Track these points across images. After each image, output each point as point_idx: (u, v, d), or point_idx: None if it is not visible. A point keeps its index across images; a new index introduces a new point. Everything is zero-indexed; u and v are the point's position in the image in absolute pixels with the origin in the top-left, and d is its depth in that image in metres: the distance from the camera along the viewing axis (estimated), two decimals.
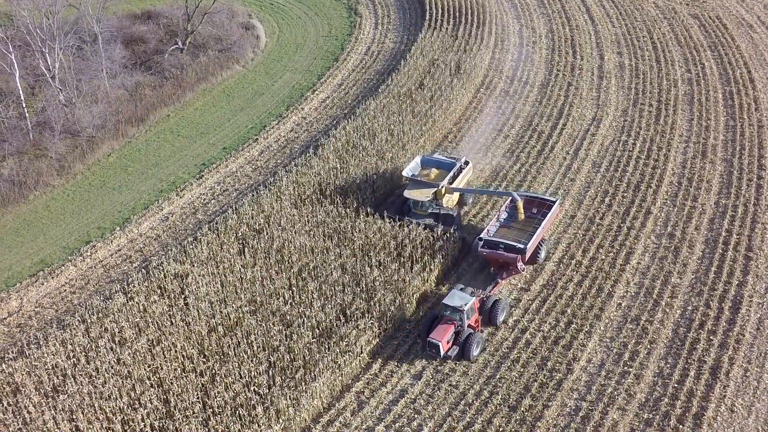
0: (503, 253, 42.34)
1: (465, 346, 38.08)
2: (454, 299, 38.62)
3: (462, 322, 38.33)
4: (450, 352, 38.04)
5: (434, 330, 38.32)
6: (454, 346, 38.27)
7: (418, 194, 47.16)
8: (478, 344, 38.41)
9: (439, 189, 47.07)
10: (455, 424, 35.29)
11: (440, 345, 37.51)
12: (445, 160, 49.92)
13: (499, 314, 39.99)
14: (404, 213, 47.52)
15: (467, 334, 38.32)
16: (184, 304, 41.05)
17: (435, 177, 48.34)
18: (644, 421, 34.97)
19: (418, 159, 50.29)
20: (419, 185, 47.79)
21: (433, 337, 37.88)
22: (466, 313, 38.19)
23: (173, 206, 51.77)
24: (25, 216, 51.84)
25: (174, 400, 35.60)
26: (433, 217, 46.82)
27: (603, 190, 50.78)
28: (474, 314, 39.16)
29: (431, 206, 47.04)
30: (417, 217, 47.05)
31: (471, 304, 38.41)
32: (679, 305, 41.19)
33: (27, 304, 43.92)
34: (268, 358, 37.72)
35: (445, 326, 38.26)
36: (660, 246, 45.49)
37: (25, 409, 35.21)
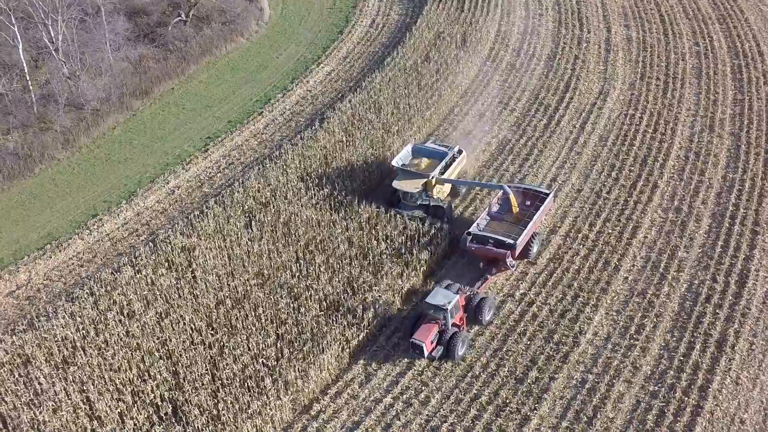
0: (492, 248, 40.67)
1: (450, 346, 36.58)
2: (437, 297, 37.00)
3: (446, 322, 36.77)
4: (434, 352, 36.63)
5: (417, 330, 36.84)
6: (438, 347, 36.80)
7: (408, 185, 45.20)
8: (463, 343, 36.98)
9: (429, 180, 45.29)
10: (462, 396, 35.58)
11: (424, 346, 36.10)
12: (437, 149, 47.91)
13: (485, 313, 38.56)
14: (393, 204, 45.86)
15: (452, 334, 36.81)
16: (192, 277, 41.17)
17: (426, 167, 46.34)
18: (650, 393, 35.22)
19: (409, 147, 48.18)
20: (409, 175, 45.87)
21: (417, 337, 36.42)
22: (450, 311, 36.56)
23: (179, 180, 51.72)
24: (31, 189, 51.82)
25: (183, 371, 35.88)
26: (423, 209, 45.24)
27: (610, 164, 50.62)
28: (459, 312, 37.56)
29: (421, 198, 45.39)
30: (406, 208, 45.22)
31: (455, 302, 36.84)
32: (686, 279, 41.26)
33: (35, 277, 44.08)
34: (276, 331, 37.96)
35: (429, 326, 36.73)
36: (667, 220, 45.46)
37: (36, 381, 35.50)
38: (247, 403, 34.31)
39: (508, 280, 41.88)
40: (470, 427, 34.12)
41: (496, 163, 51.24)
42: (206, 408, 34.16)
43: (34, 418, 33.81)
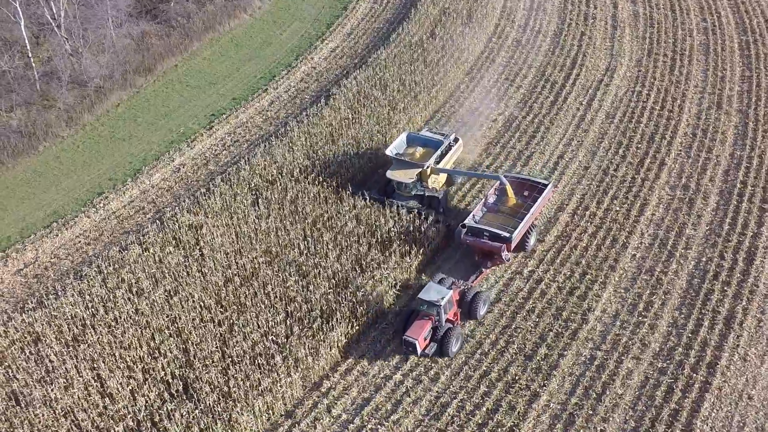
0: (487, 241, 39.77)
1: (443, 342, 35.83)
2: (431, 293, 36.01)
3: (439, 318, 35.89)
4: (427, 349, 35.91)
5: (410, 327, 36.05)
6: (431, 343, 36.05)
7: (402, 175, 43.95)
8: (457, 340, 36.27)
9: (424, 170, 44.21)
10: (472, 373, 35.73)
11: (417, 343, 35.31)
12: (432, 138, 46.79)
13: (479, 308, 37.69)
14: (388, 194, 44.73)
15: (446, 330, 36.06)
16: (200, 255, 41.14)
17: (421, 156, 45.24)
18: (658, 369, 35.38)
19: (404, 136, 47.01)
20: (403, 165, 44.70)
21: (409, 334, 35.58)
22: (443, 307, 35.67)
23: (184, 157, 51.50)
24: (35, 167, 51.60)
25: (193, 349, 35.96)
26: (418, 200, 44.16)
27: (617, 141, 50.42)
28: (453, 308, 36.80)
29: (416, 188, 44.25)
30: (401, 198, 44.09)
31: (449, 297, 35.94)
32: (694, 256, 41.27)
33: (42, 255, 44.04)
34: (285, 308, 38.00)
35: (422, 322, 35.92)
36: (674, 197, 45.38)
37: (47, 358, 35.60)
38: (258, 380, 34.42)
39: (516, 258, 41.85)
40: (480, 403, 34.32)
41: (503, 141, 51.03)
42: (217, 385, 34.29)
43: (47, 395, 33.94)
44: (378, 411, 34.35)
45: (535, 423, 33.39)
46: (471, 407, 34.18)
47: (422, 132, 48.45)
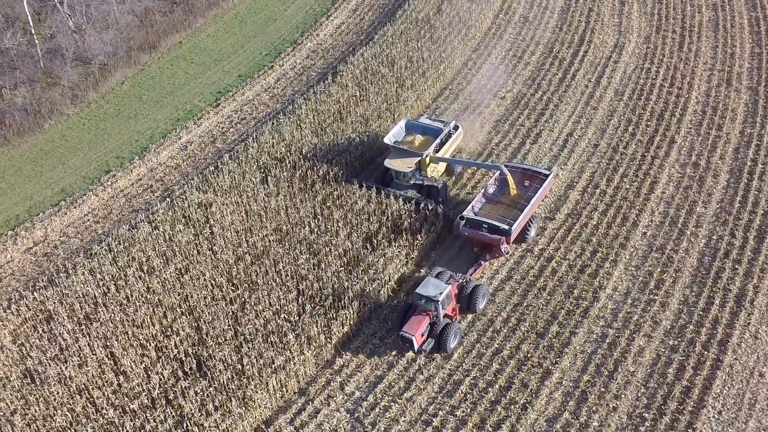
0: (486, 234, 38.94)
1: (441, 338, 35.03)
2: (428, 288, 35.13)
3: (437, 313, 35.15)
4: (425, 345, 35.11)
5: (407, 322, 35.16)
6: (429, 339, 35.25)
7: (400, 164, 42.83)
8: (455, 335, 35.48)
9: (423, 158, 43.17)
10: (484, 350, 35.85)
11: (414, 339, 34.49)
12: (431, 125, 45.57)
13: (479, 301, 36.91)
14: (386, 183, 43.75)
15: (443, 325, 35.30)
16: (210, 233, 41.05)
17: (420, 144, 44.24)
18: (670, 347, 35.49)
19: (402, 123, 45.80)
20: (401, 154, 43.60)
21: (406, 330, 34.65)
22: (441, 303, 34.89)
23: (191, 135, 51.22)
24: (41, 145, 51.31)
25: (206, 327, 36.02)
26: (417, 189, 43.17)
27: (626, 118, 50.16)
28: (451, 303, 35.95)
29: (414, 177, 43.26)
30: (399, 188, 43.19)
31: (447, 292, 35.12)
32: (704, 234, 41.24)
33: (51, 233, 43.93)
34: (297, 287, 38.00)
35: (419, 318, 35.04)
36: (684, 175, 45.25)
37: (60, 336, 35.64)
38: (271, 358, 34.51)
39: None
40: (492, 380, 34.47)
41: (512, 118, 50.75)
42: (230, 363, 34.38)
43: (61, 373, 34.02)
44: (391, 388, 34.51)
45: (547, 400, 33.56)
46: (484, 384, 34.34)
47: (421, 119, 46.95)
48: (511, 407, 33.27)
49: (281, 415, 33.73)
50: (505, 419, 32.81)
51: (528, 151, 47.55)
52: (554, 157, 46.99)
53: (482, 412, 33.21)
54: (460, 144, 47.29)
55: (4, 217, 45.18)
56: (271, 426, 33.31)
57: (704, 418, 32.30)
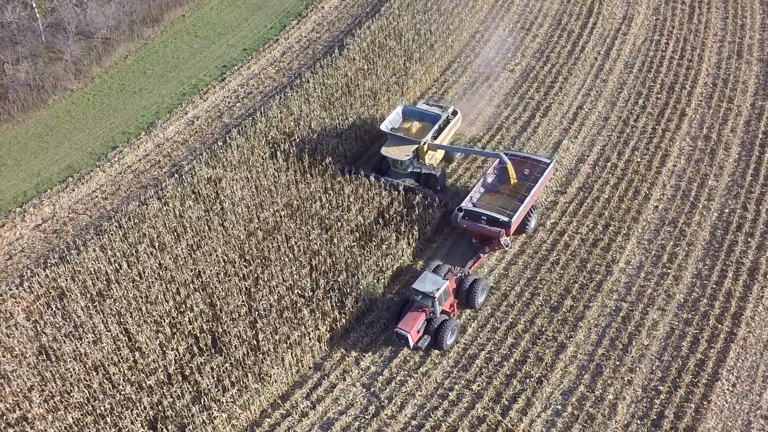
0: (485, 226, 37.79)
1: (437, 335, 33.98)
2: (425, 283, 33.95)
3: (434, 309, 34.12)
4: (420, 342, 33.99)
5: (403, 318, 34.06)
6: (425, 336, 34.18)
7: (397, 152, 41.44)
8: (452, 332, 34.40)
9: (421, 146, 41.99)
10: (498, 325, 35.90)
11: (409, 336, 33.41)
12: (429, 111, 44.02)
13: (478, 296, 35.83)
14: (383, 171, 42.66)
15: (440, 322, 34.18)
16: (221, 208, 40.80)
17: (417, 131, 42.83)
18: (683, 320, 35.55)
19: (399, 109, 44.23)
20: (398, 141, 42.14)
21: (402, 327, 33.57)
22: (438, 299, 33.86)
23: (197, 110, 50.75)
24: (46, 121, 50.82)
25: (219, 303, 35.93)
26: (414, 177, 42.02)
27: (636, 91, 49.77)
28: (449, 298, 34.98)
29: (412, 165, 42.10)
30: (396, 176, 42.02)
31: (444, 288, 34.02)
32: (716, 208, 41.14)
33: (60, 210, 43.66)
34: (310, 262, 37.87)
35: (415, 314, 33.89)
36: (696, 148, 45.02)
37: (74, 313, 35.55)
38: (286, 333, 34.48)
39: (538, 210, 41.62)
40: (508, 354, 34.55)
41: (521, 91, 50.34)
42: (245, 339, 34.35)
43: (76, 350, 33.98)
44: (406, 363, 34.57)
45: (562, 374, 33.67)
46: (499, 358, 34.42)
47: (418, 105, 45.36)
48: (527, 381, 33.37)
49: (297, 390, 33.82)
50: (520, 393, 32.93)
51: (538, 124, 47.23)
52: (564, 130, 46.71)
53: (498, 385, 33.32)
54: (460, 128, 46.00)
55: (12, 194, 44.87)
56: (287, 401, 33.41)
57: (718, 390, 32.45)
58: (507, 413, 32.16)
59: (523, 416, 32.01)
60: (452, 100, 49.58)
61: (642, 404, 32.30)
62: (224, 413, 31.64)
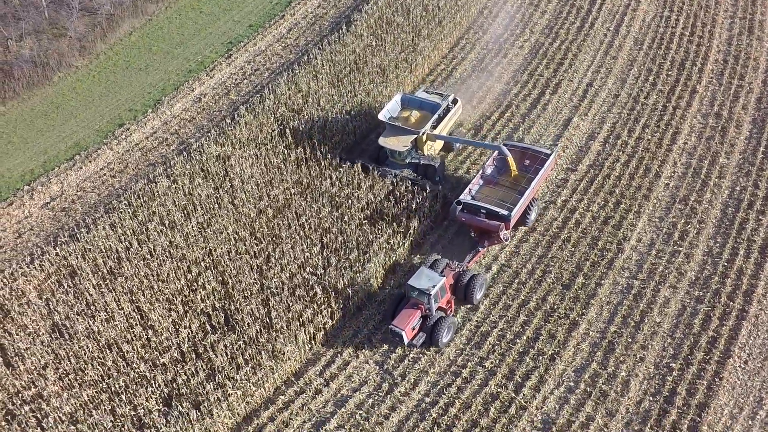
0: (484, 220, 36.81)
1: (433, 332, 33.41)
2: (421, 280, 33.28)
3: (430, 306, 33.44)
4: (415, 340, 33.44)
5: (398, 316, 33.44)
6: (420, 333, 33.65)
7: (395, 142, 40.25)
8: (448, 330, 33.82)
9: (420, 136, 40.82)
10: (510, 302, 35.93)
11: (403, 334, 32.85)
12: (428, 100, 42.76)
13: (476, 292, 35.08)
14: (381, 161, 41.66)
15: (436, 319, 33.58)
16: (230, 186, 40.63)
17: (416, 121, 41.61)
18: (695, 298, 35.58)
19: (398, 98, 43.05)
20: (397, 131, 40.86)
21: (396, 324, 32.99)
22: (434, 296, 33.17)
23: (204, 87, 50.36)
24: (52, 98, 50.44)
25: (231, 281, 35.90)
26: (413, 168, 40.99)
27: (647, 68, 49.39)
28: (445, 295, 34.22)
29: (410, 156, 41.06)
30: (394, 166, 41.03)
31: (441, 285, 33.33)
32: (728, 185, 41.01)
33: (68, 188, 43.49)
34: (321, 240, 37.79)
35: (410, 311, 33.31)
36: (707, 126, 44.78)
37: (86, 291, 35.52)
38: (299, 311, 34.50)
39: (549, 188, 41.56)
40: (520, 332, 34.61)
41: (530, 68, 49.93)
42: (258, 316, 34.37)
43: (89, 328, 34.01)
44: None
45: (575, 351, 33.76)
46: (511, 336, 34.49)
47: (418, 93, 44.12)
48: (539, 358, 33.48)
49: (311, 368, 33.91)
50: (533, 370, 33.05)
51: (548, 101, 46.93)
52: (574, 107, 46.41)
53: (510, 363, 33.43)
54: (461, 117, 44.78)
55: (20, 172, 44.67)
56: (301, 378, 33.52)
57: (730, 367, 32.57)
58: (520, 390, 32.30)
59: (536, 393, 32.16)
60: (461, 77, 49.24)
61: (654, 381, 32.43)
62: (238, 390, 31.75)
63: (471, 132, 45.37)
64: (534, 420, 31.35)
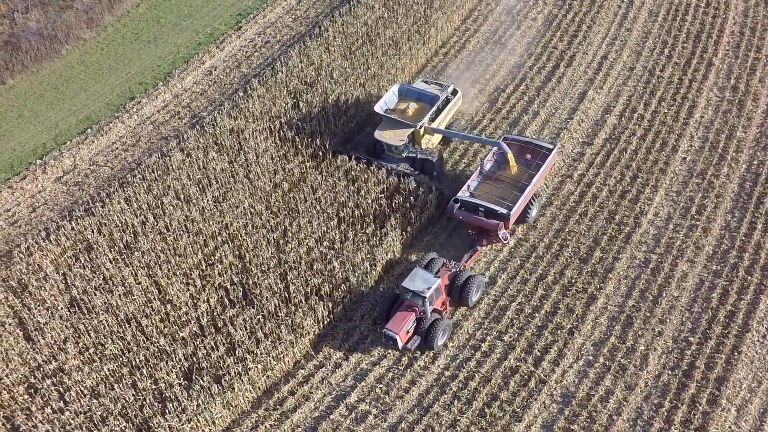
0: (482, 218, 35.69)
1: (428, 335, 32.40)
2: (416, 282, 32.21)
3: (424, 309, 32.42)
4: (410, 344, 32.40)
5: (392, 319, 32.28)
6: (415, 336, 32.57)
7: (392, 136, 38.84)
8: (443, 333, 32.74)
9: (417, 130, 39.47)
10: (528, 276, 35.90)
11: (398, 338, 31.86)
12: (427, 91, 41.21)
13: (472, 294, 33.97)
14: (377, 155, 40.34)
15: (431, 321, 32.56)
16: (245, 160, 40.36)
17: (414, 113, 40.15)
18: (713, 272, 35.54)
19: (395, 89, 41.47)
20: (393, 124, 39.43)
21: (390, 328, 31.91)
22: (429, 299, 32.13)
23: (215, 59, 49.83)
24: (61, 71, 49.94)
25: (248, 255, 35.80)
26: (410, 162, 39.69)
27: (662, 40, 48.86)
28: (441, 296, 33.24)
29: (407, 150, 39.80)
30: (390, 160, 39.68)
31: (436, 287, 32.28)
32: (745, 159, 40.77)
33: (80, 162, 43.21)
34: (337, 213, 37.63)
35: (404, 314, 32.23)
36: (723, 99, 44.41)
37: (102, 266, 35.43)
38: (317, 285, 34.46)
39: (565, 162, 41.32)
40: (538, 306, 34.63)
41: (544, 40, 49.38)
42: (276, 291, 34.34)
43: (107, 302, 33.98)
44: None
45: (593, 325, 33.80)
46: (530, 310, 34.51)
47: (416, 84, 42.58)
48: (558, 332, 33.53)
49: (330, 341, 33.96)
50: (552, 344, 33.11)
51: (563, 74, 46.48)
52: (589, 80, 45.99)
53: (529, 337, 33.48)
54: (461, 108, 43.38)
55: (31, 146, 44.36)
56: (320, 352, 33.58)
57: (749, 341, 32.62)
58: (539, 364, 32.39)
59: (556, 367, 32.25)
60: (473, 50, 48.74)
61: (673, 355, 32.52)
62: (259, 364, 31.80)
63: (486, 105, 45.04)
64: (554, 393, 31.49)
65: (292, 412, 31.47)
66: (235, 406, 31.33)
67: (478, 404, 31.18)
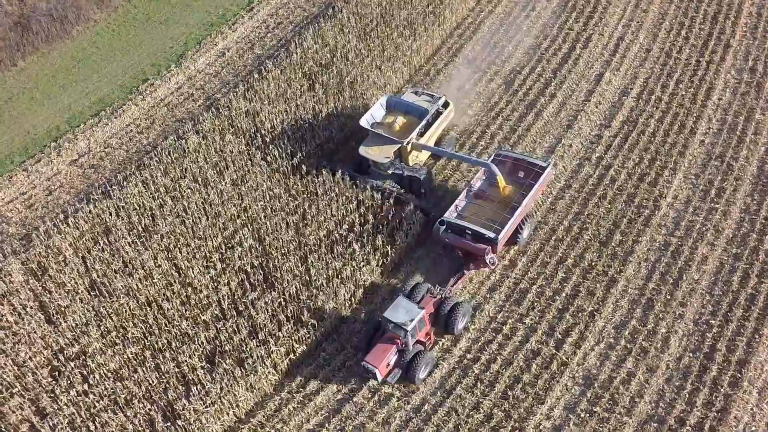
0: (469, 242, 33.98)
1: (409, 369, 30.80)
2: (398, 313, 30.54)
3: (406, 341, 30.79)
4: (390, 377, 30.87)
5: (371, 351, 30.65)
6: (396, 369, 31.00)
7: (377, 153, 36.99)
8: (426, 366, 31.14)
9: (404, 146, 37.71)
10: (548, 259, 35.85)
11: (377, 372, 30.30)
12: (416, 104, 38.96)
13: (458, 322, 32.30)
14: (363, 170, 38.45)
15: (413, 354, 30.99)
16: (261, 142, 40.15)
17: (401, 127, 38.12)
18: (733, 255, 35.48)
19: (383, 100, 39.39)
20: (379, 140, 37.56)
21: (369, 361, 30.31)
22: (411, 332, 30.52)
23: (227, 41, 49.45)
24: (72, 53, 49.56)
25: (268, 238, 35.71)
26: (396, 179, 37.74)
27: (678, 21, 48.45)
28: (424, 327, 31.52)
29: (393, 166, 37.86)
30: (377, 177, 37.85)
31: (419, 318, 30.60)
32: (764, 142, 40.56)
33: (95, 145, 43.00)
34: (357, 197, 37.50)
35: (385, 346, 30.60)
36: (741, 81, 44.12)
37: (122, 249, 35.35)
38: (338, 268, 34.41)
39: (583, 145, 41.14)
40: (559, 288, 34.62)
41: (559, 22, 48.99)
42: (297, 274, 34.29)
43: (127, 285, 33.94)
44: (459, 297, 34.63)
45: (614, 308, 33.81)
46: (550, 293, 34.51)
47: (405, 95, 40.26)
48: (579, 315, 33.55)
49: (351, 324, 33.95)
50: (573, 327, 33.14)
51: (579, 56, 46.15)
52: (605, 62, 45.67)
53: (550, 319, 33.51)
54: (453, 120, 41.08)
55: (45, 128, 44.13)
56: (341, 334, 33.60)
57: None
58: (561, 346, 32.44)
59: (577, 349, 32.31)
60: (488, 31, 48.37)
61: (694, 338, 32.56)
62: (281, 347, 31.84)
63: (503, 86, 44.75)
64: (575, 376, 31.57)
65: (315, 395, 31.57)
66: (258, 389, 31.40)
67: (500, 387, 31.28)
